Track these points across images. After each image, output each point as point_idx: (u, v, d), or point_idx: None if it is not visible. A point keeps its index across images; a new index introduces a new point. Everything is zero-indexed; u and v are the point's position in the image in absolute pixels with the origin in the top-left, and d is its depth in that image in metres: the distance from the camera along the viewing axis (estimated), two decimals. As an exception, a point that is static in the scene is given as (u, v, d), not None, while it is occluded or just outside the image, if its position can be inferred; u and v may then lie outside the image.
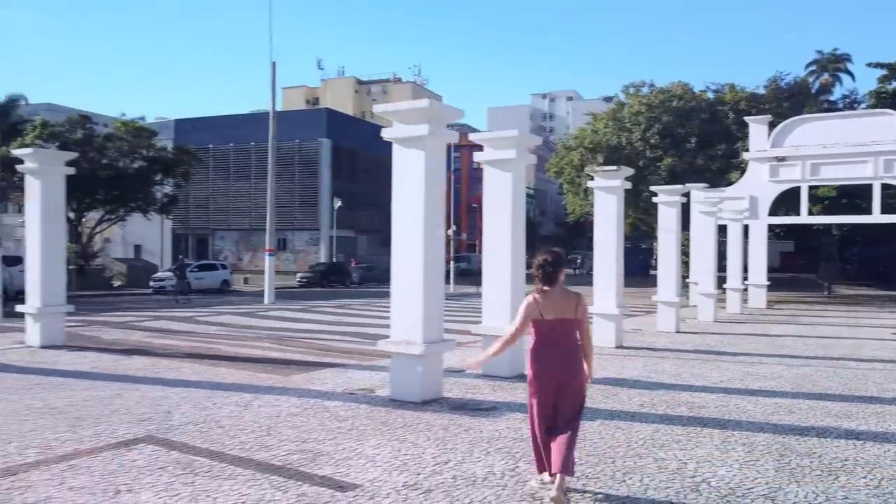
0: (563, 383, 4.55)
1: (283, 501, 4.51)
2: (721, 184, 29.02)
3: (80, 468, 5.17)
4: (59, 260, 12.23)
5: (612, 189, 12.52)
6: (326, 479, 4.99)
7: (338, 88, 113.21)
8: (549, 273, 4.56)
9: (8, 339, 12.98)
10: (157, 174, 39.56)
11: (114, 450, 5.65)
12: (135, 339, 13.30)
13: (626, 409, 7.31)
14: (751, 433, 6.37)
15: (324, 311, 21.69)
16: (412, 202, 7.55)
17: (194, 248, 56.18)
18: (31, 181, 11.85)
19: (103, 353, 11.31)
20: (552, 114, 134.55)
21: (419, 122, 7.42)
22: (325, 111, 59.65)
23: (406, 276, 7.61)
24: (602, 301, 12.62)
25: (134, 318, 18.14)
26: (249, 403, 7.45)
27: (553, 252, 4.66)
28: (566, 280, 4.77)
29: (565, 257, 4.80)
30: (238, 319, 18.30)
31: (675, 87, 36.05)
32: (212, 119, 57.02)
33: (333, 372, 9.56)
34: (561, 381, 4.54)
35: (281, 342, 13.28)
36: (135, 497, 4.57)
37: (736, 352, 12.08)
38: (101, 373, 9.37)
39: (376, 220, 56.99)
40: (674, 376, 9.49)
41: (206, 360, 10.57)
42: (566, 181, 39.73)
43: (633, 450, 5.77)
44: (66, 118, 39.61)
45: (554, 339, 4.56)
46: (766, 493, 4.77)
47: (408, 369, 7.60)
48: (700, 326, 16.80)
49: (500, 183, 9.21)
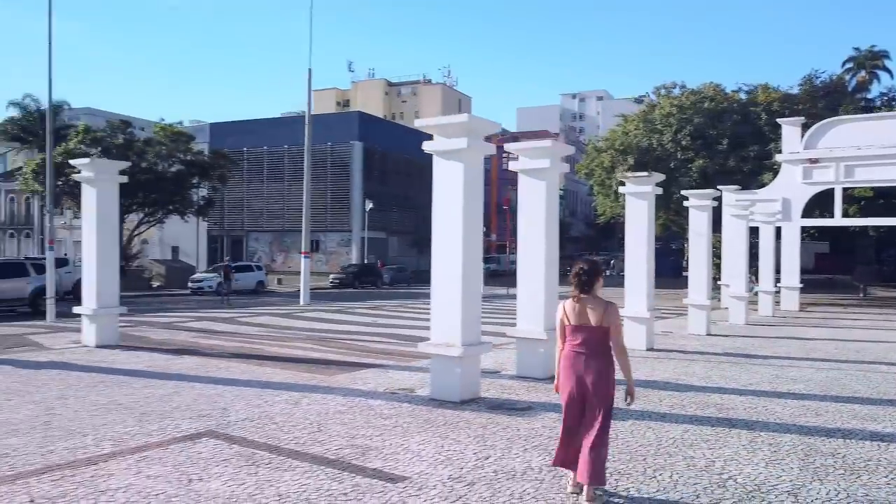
0: (586, 388, 4.72)
1: (339, 491, 4.94)
2: (753, 185, 28.94)
3: (153, 459, 5.67)
4: (113, 264, 12.88)
5: (643, 195, 12.78)
6: (377, 471, 5.41)
7: (368, 90, 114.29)
8: (584, 281, 4.78)
9: (64, 338, 13.69)
10: (195, 177, 40.62)
11: (180, 443, 6.15)
12: (182, 340, 13.92)
13: (657, 410, 7.61)
14: (777, 434, 6.64)
15: (358, 312, 22.22)
16: (451, 211, 7.94)
17: (229, 249, 57.30)
18: (88, 189, 12.52)
19: (155, 352, 11.91)
20: (582, 113, 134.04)
21: (458, 136, 7.82)
22: (357, 114, 60.39)
23: (445, 281, 8.00)
24: (633, 304, 12.89)
25: (177, 319, 18.84)
26: (298, 401, 7.92)
27: (590, 262, 4.90)
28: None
29: (601, 267, 5.05)
30: (277, 320, 18.89)
31: (706, 88, 35.94)
32: (246, 123, 58.16)
33: (374, 372, 10.00)
34: (583, 386, 4.73)
35: (321, 343, 13.79)
36: (206, 485, 5.04)
37: (766, 355, 12.26)
38: (157, 371, 9.94)
39: (407, 222, 57.64)
40: (703, 378, 9.75)
41: (253, 360, 11.10)
42: (596, 183, 39.83)
43: (664, 448, 6.09)
44: (107, 123, 40.86)
45: (577, 345, 4.76)
46: (789, 489, 5.07)
47: (447, 370, 7.99)
48: (731, 329, 16.93)
49: (535, 191, 9.56)
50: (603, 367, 4.73)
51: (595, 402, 4.71)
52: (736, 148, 33.03)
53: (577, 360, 4.75)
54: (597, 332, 4.72)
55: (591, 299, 4.78)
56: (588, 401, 4.73)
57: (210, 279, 34.15)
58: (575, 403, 4.78)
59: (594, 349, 4.73)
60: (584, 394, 4.72)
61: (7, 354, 11.47)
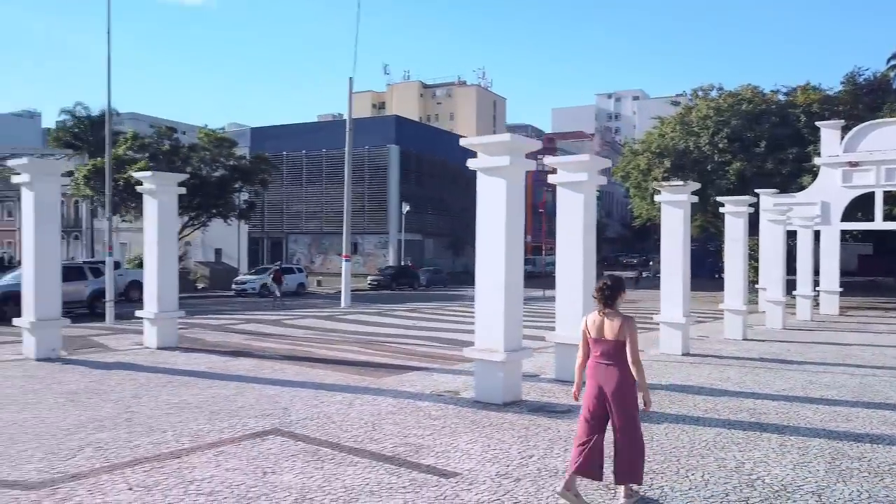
0: (606, 397, 4.99)
1: (399, 484, 5.48)
2: (792, 188, 28.79)
3: (229, 454, 6.29)
4: (172, 271, 13.68)
5: (679, 203, 13.10)
6: (431, 467, 5.94)
7: (403, 92, 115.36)
8: (607, 296, 5.12)
9: (126, 340, 14.55)
10: (237, 182, 41.80)
11: (250, 440, 6.77)
12: (236, 342, 14.67)
13: (691, 414, 8.00)
14: (807, 438, 6.99)
15: (398, 314, 22.84)
16: (495, 224, 8.45)
17: (269, 252, 58.68)
18: (149, 201, 13.34)
19: (212, 354, 12.65)
20: (618, 113, 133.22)
21: (501, 154, 8.32)
22: (394, 118, 61.29)
23: (489, 291, 8.50)
24: (669, 310, 13.22)
25: (227, 321, 19.68)
26: (352, 402, 8.50)
27: (613, 277, 5.28)
28: (635, 288, 5.51)
29: (624, 283, 5.33)
30: (321, 323, 19.60)
31: (744, 90, 35.73)
32: (286, 127, 59.52)
33: (419, 375, 10.55)
34: (604, 395, 5.00)
35: (366, 346, 14.41)
36: (279, 478, 5.63)
37: (801, 360, 12.48)
38: (217, 373, 10.63)
39: (442, 224, 58.27)
40: (737, 384, 10.07)
41: (304, 363, 11.75)
42: (632, 185, 39.83)
43: (696, 450, 6.50)
44: (155, 130, 42.28)
45: (598, 356, 5.10)
46: (814, 490, 5.46)
47: (490, 374, 8.50)
48: (768, 334, 17.08)
49: (573, 203, 10.00)
50: (622, 376, 4.98)
51: (617, 409, 5.00)
52: (774, 150, 32.81)
53: (597, 371, 5.09)
54: (615, 345, 5.00)
55: (613, 313, 5.06)
56: (610, 409, 5.03)
57: (253, 281, 35.21)
58: (595, 415, 5.06)
59: (613, 360, 5.00)
60: (606, 402, 5.03)
61: (78, 356, 12.32)
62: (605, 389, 5.01)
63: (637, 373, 5.00)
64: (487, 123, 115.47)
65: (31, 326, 11.72)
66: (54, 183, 12.04)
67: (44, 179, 11.74)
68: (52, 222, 12.05)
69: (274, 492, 5.29)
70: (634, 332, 5.04)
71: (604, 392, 5.02)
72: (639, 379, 5.01)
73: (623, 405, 5.00)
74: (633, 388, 5.05)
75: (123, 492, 5.27)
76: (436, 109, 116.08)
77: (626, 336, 4.99)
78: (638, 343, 5.05)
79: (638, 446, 5.07)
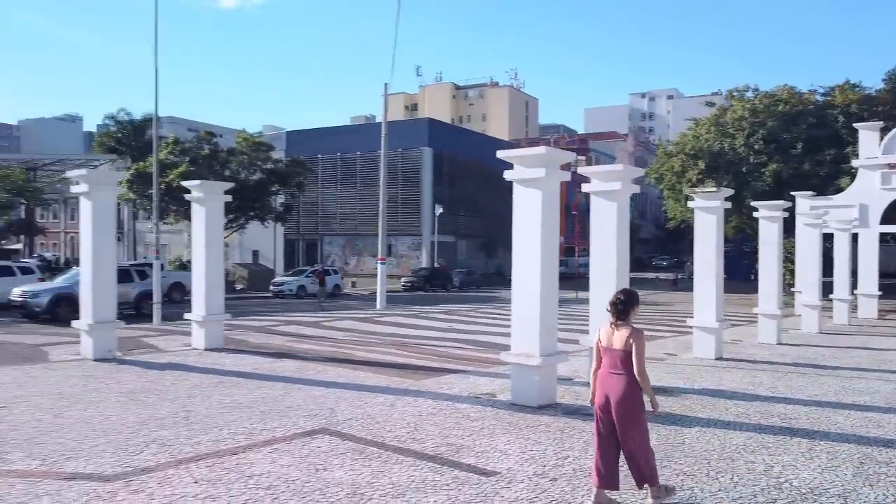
0: (609, 403, 5.18)
1: (443, 482, 5.85)
2: (829, 190, 28.51)
3: (282, 451, 6.73)
4: (219, 275, 14.28)
5: (712, 209, 13.25)
6: (472, 466, 6.30)
7: (435, 94, 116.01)
8: (620, 310, 5.31)
9: (175, 341, 15.20)
10: (274, 185, 42.70)
11: (301, 438, 7.21)
12: (278, 344, 15.23)
13: (722, 419, 8.23)
14: (836, 443, 7.18)
15: (433, 317, 23.25)
16: (530, 234, 8.78)
17: (304, 253, 59.68)
18: (197, 209, 13.95)
19: (257, 355, 13.19)
20: (652, 113, 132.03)
21: (537, 166, 8.64)
22: (427, 121, 61.89)
23: (525, 297, 8.83)
24: (702, 314, 13.38)
25: (268, 323, 20.31)
26: (394, 403, 8.91)
27: (626, 291, 5.47)
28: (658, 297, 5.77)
29: (637, 297, 5.48)
30: (358, 325, 20.11)
31: (780, 90, 35.43)
32: (320, 130, 60.53)
33: (457, 377, 10.92)
34: (607, 402, 5.19)
35: (403, 348, 14.83)
36: (331, 474, 6.05)
37: (835, 365, 12.54)
38: (264, 374, 11.14)
39: (475, 225, 58.62)
40: (769, 388, 10.24)
41: (346, 364, 12.21)
42: (666, 187, 39.71)
43: (727, 454, 6.75)
44: (195, 135, 43.42)
45: (607, 366, 5.31)
46: (840, 493, 5.68)
47: (526, 378, 8.83)
48: (803, 338, 17.08)
49: (607, 212, 10.26)
50: (628, 386, 5.13)
51: (621, 417, 5.14)
52: (811, 152, 32.49)
53: (606, 381, 5.29)
54: (622, 355, 5.15)
55: (623, 325, 5.23)
56: (615, 416, 5.22)
57: (290, 283, 36.00)
58: (605, 423, 5.27)
59: (620, 370, 5.16)
60: (611, 410, 5.23)
61: (132, 356, 12.96)
62: (610, 399, 5.21)
63: (642, 382, 5.13)
64: (520, 124, 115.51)
65: (89, 328, 12.38)
66: (111, 192, 12.70)
67: (101, 189, 12.40)
68: (108, 230, 12.70)
69: (327, 487, 5.70)
70: (641, 342, 5.17)
71: (609, 401, 5.21)
72: (644, 387, 5.15)
73: (627, 413, 5.14)
74: (639, 396, 5.18)
75: (190, 485, 5.73)
76: (468, 110, 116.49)
77: (632, 346, 5.13)
78: (644, 354, 5.17)
79: (645, 449, 5.21)
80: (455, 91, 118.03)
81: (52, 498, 5.40)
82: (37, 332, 17.42)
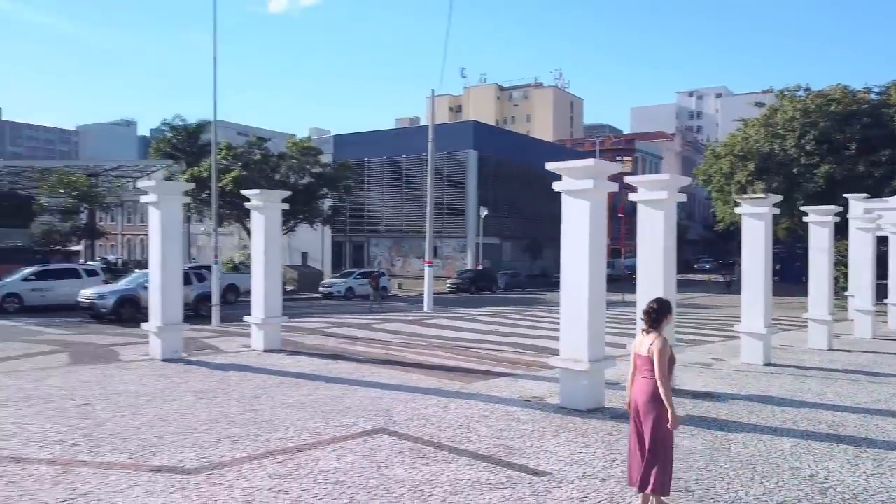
0: (636, 407, 5.34)
1: (497, 481, 6.23)
2: (885, 192, 27.86)
3: (346, 449, 7.20)
4: (277, 279, 14.93)
5: (760, 216, 13.30)
6: (524, 466, 6.66)
7: (480, 95, 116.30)
8: (652, 318, 5.49)
9: (234, 343, 15.92)
10: (322, 188, 43.68)
11: (362, 437, 7.67)
12: (332, 346, 15.81)
13: (769, 425, 8.39)
14: (883, 451, 7.31)
15: (480, 319, 23.62)
16: (579, 243, 9.07)
17: (351, 255, 60.71)
18: (257, 216, 14.61)
19: (314, 357, 13.77)
20: (700, 112, 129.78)
21: (585, 178, 8.94)
22: (473, 124, 62.23)
23: (573, 304, 9.14)
24: (750, 320, 13.42)
25: (320, 325, 20.98)
26: (447, 405, 9.31)
27: (659, 301, 5.61)
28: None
29: (670, 306, 5.59)
30: (407, 327, 20.61)
31: (833, 90, 34.67)
32: (367, 134, 61.49)
33: (506, 381, 11.27)
34: (635, 406, 5.35)
35: (452, 350, 15.24)
36: (392, 471, 6.48)
37: (887, 372, 12.46)
38: (321, 375, 11.68)
39: (520, 227, 58.73)
40: (818, 395, 10.30)
41: (398, 367, 12.67)
42: (715, 189, 39.25)
43: (772, 459, 6.95)
44: (246, 140, 44.70)
45: (637, 371, 5.48)
46: (885, 499, 5.86)
47: (575, 382, 9.13)
48: (854, 344, 16.88)
49: (653, 220, 10.49)
50: (650, 390, 5.26)
51: (644, 421, 5.27)
52: (866, 152, 31.76)
53: (635, 385, 5.48)
54: (648, 360, 5.29)
55: (652, 332, 5.38)
56: (638, 419, 5.40)
57: (339, 285, 36.82)
58: (635, 425, 5.44)
59: (647, 374, 5.31)
60: (637, 412, 5.39)
61: (197, 357, 13.68)
62: (637, 402, 5.35)
63: (662, 388, 5.18)
64: (564, 125, 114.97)
65: (158, 330, 13.13)
66: (177, 202, 13.45)
67: (169, 199, 13.15)
68: (175, 238, 13.45)
69: (390, 483, 6.13)
70: (664, 349, 5.23)
71: (635, 403, 5.41)
72: (663, 395, 5.18)
73: (650, 418, 5.24)
74: (660, 404, 5.23)
75: (264, 479, 6.23)
76: (512, 111, 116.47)
77: (652, 353, 5.23)
78: (666, 361, 5.23)
79: (661, 456, 5.23)
80: (499, 92, 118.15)
81: (142, 488, 5.96)
82: (104, 332, 18.38)
